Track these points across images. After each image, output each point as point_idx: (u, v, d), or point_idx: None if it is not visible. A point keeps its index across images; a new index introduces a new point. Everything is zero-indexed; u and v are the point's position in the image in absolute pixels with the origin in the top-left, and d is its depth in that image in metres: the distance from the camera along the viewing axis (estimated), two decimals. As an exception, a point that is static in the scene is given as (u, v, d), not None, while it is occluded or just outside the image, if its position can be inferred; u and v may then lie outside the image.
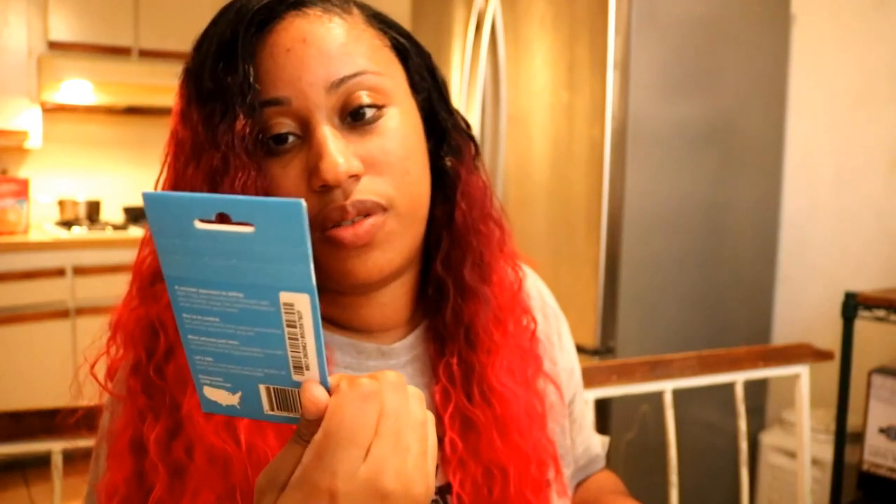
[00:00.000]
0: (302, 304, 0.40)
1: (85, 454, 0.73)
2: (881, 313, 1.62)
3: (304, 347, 0.41)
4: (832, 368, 1.61)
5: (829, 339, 1.69)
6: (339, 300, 0.64)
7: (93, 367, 0.63)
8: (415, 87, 0.65)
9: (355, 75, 0.58)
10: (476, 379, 0.66)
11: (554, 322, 0.81)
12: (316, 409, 0.42)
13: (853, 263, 2.05)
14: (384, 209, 0.58)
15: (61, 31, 3.20)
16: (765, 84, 2.10)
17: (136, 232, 3.26)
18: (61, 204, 3.43)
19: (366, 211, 0.58)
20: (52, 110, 3.38)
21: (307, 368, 0.42)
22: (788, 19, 2.13)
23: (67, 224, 3.29)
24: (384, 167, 0.59)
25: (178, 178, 0.59)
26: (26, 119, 3.18)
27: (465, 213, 0.67)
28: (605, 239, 1.83)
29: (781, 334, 2.19)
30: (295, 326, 0.41)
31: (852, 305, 1.64)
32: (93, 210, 3.47)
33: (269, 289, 0.40)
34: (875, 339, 1.83)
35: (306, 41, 0.57)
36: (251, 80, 0.56)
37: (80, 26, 3.24)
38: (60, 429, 0.91)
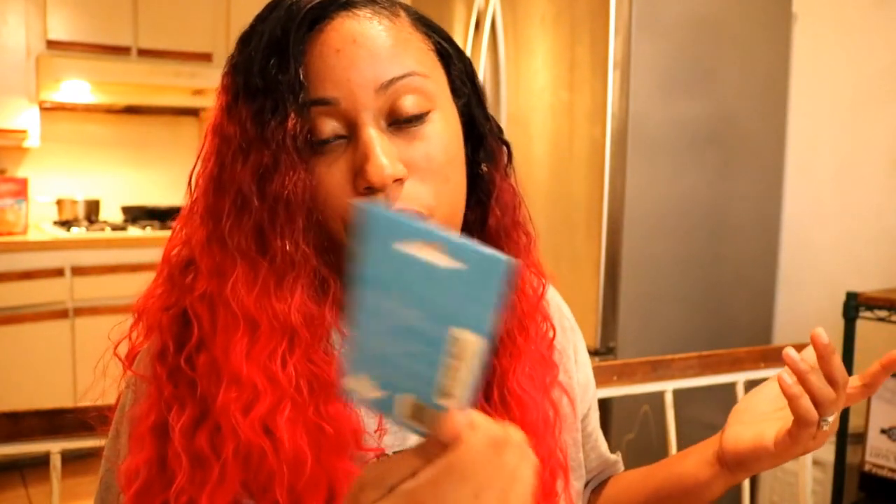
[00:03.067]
0: (472, 345, 0.42)
1: (83, 455, 0.73)
2: (882, 313, 1.62)
3: (458, 380, 0.43)
4: (833, 369, 1.61)
5: (831, 339, 1.69)
6: None
7: (116, 347, 0.64)
8: (455, 92, 0.65)
9: (404, 76, 0.59)
10: (497, 383, 0.66)
11: (570, 335, 0.80)
12: (452, 438, 0.43)
13: (854, 263, 2.05)
14: (425, 218, 0.59)
15: (60, 30, 3.19)
16: (766, 84, 2.09)
17: (135, 232, 3.25)
18: (60, 203, 3.42)
19: None
20: (50, 109, 3.38)
21: (452, 396, 0.44)
22: (790, 19, 2.12)
23: (66, 224, 3.28)
24: (427, 173, 0.59)
25: (225, 172, 0.59)
26: (25, 118, 3.17)
27: (498, 220, 0.68)
28: (606, 239, 1.82)
29: (783, 334, 2.19)
30: (457, 359, 0.43)
31: (853, 306, 1.64)
32: (91, 210, 3.46)
33: (449, 318, 0.42)
34: (876, 339, 1.83)
35: (356, 42, 0.58)
36: (301, 78, 0.57)
37: (78, 25, 3.23)
38: (59, 429, 0.91)
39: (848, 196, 2.07)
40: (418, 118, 0.59)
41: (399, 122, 0.59)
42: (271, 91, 0.57)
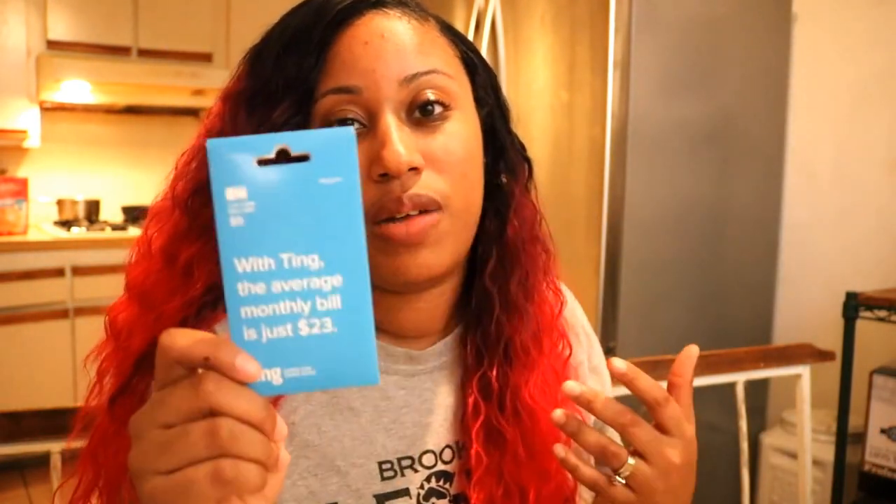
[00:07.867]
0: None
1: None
2: (882, 313, 1.62)
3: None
4: (833, 369, 1.61)
5: (831, 339, 1.69)
6: (377, 300, 0.64)
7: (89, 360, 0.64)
8: (479, 101, 0.66)
9: (428, 73, 0.59)
10: (510, 393, 0.66)
11: (585, 342, 0.80)
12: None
13: (854, 263, 2.05)
14: (439, 207, 0.59)
15: (60, 30, 3.19)
16: (766, 83, 2.09)
17: (136, 232, 3.25)
18: (60, 204, 3.42)
19: (421, 206, 0.58)
20: (50, 110, 3.37)
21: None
22: (790, 18, 2.12)
23: (66, 224, 3.28)
24: (444, 166, 0.59)
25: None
26: (25, 118, 3.17)
27: (516, 230, 0.68)
28: (606, 239, 1.82)
29: (782, 334, 2.19)
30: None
31: (853, 305, 1.63)
32: (92, 210, 3.45)
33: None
34: (876, 339, 1.83)
35: (384, 37, 0.59)
36: (319, 68, 0.58)
37: (79, 26, 3.23)
38: (59, 429, 0.91)
39: (848, 196, 2.07)
40: (439, 113, 0.60)
41: (420, 115, 0.59)
42: (286, 82, 0.58)
